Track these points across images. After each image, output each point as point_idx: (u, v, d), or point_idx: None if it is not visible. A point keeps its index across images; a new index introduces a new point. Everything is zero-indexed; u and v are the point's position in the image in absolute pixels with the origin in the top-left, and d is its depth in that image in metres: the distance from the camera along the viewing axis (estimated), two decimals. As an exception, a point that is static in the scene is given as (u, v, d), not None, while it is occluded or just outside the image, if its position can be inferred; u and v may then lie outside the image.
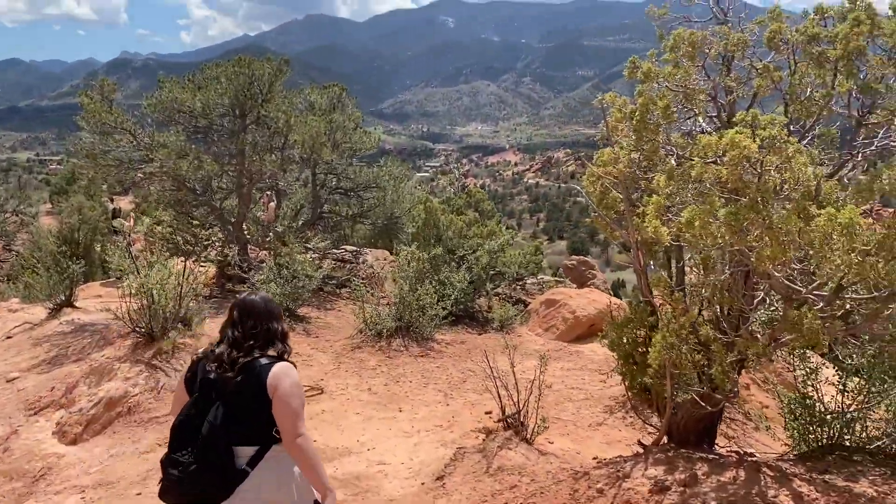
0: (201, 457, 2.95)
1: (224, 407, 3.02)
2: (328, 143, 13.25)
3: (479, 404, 7.94)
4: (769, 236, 3.16)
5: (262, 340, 3.18)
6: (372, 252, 17.87)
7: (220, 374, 3.07)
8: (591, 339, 10.90)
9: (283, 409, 3.00)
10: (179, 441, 3.02)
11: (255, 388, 3.01)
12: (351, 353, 9.66)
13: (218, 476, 2.97)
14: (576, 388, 8.64)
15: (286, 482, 3.10)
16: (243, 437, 3.03)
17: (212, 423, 2.98)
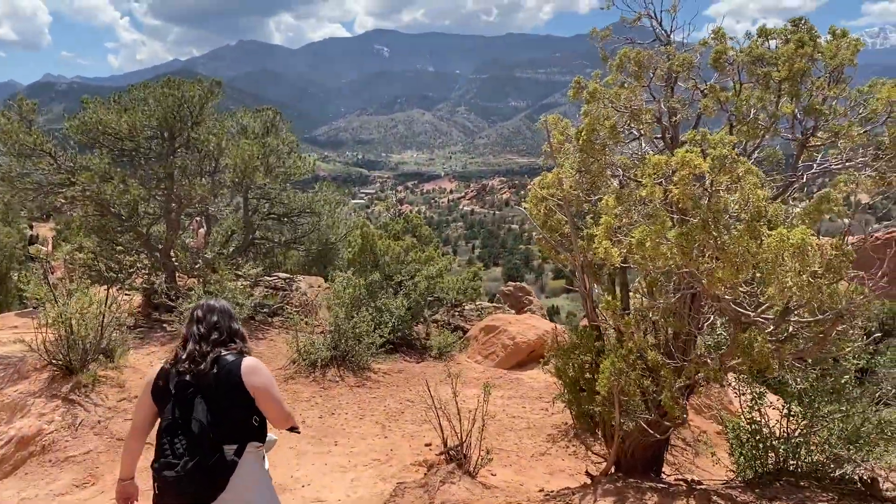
0: (196, 453, 2.97)
1: (206, 403, 3.06)
2: (261, 167, 12.90)
3: (418, 436, 7.69)
4: (722, 258, 3.07)
5: (225, 335, 3.28)
6: (305, 279, 17.45)
7: (195, 369, 3.12)
8: (531, 365, 10.79)
9: (268, 402, 3.13)
10: (169, 443, 3.02)
11: (230, 383, 3.10)
12: (284, 385, 9.27)
13: (212, 470, 3.00)
14: (517, 416, 8.48)
15: (262, 477, 3.23)
16: (227, 434, 3.07)
17: (200, 421, 3.01)
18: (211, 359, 3.15)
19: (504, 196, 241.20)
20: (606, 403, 4.41)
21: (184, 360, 3.18)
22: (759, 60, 4.08)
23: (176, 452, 2.99)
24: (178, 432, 3.02)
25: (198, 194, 12.46)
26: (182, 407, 3.07)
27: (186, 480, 2.95)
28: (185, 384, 3.11)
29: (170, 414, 3.08)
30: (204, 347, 3.20)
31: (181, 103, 12.69)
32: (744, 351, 3.41)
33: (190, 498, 2.99)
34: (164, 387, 3.18)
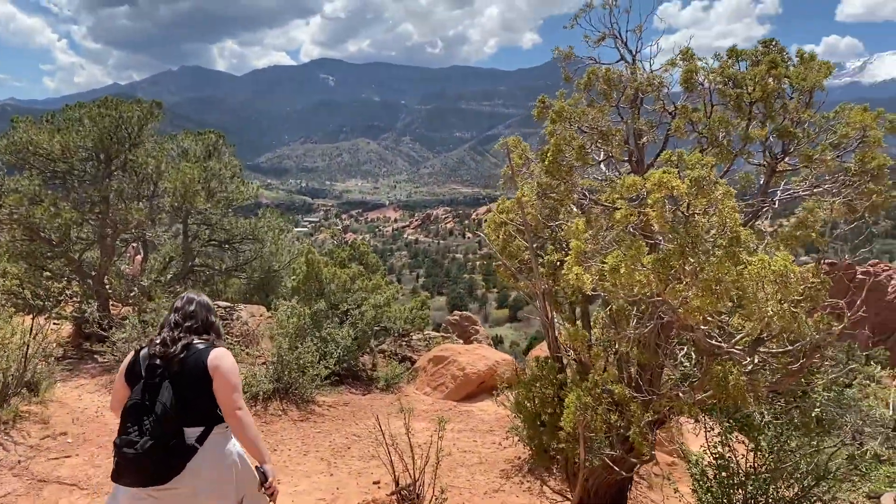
0: (156, 434, 3.11)
1: (172, 388, 3.21)
2: (202, 191, 12.44)
3: (365, 473, 7.32)
4: (700, 285, 2.88)
5: (199, 324, 3.48)
6: (247, 308, 16.89)
7: (164, 353, 3.29)
8: (481, 396, 10.53)
9: (223, 385, 3.25)
10: (133, 422, 3.18)
11: (197, 370, 3.26)
12: (223, 419, 8.81)
13: (170, 453, 3.13)
14: (468, 451, 8.18)
15: (226, 461, 3.33)
16: (190, 418, 3.22)
17: (164, 404, 3.16)
18: (182, 344, 3.33)
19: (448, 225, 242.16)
20: (570, 439, 4.18)
21: (157, 344, 3.37)
22: (730, 81, 3.98)
23: (140, 430, 3.15)
24: (143, 413, 3.17)
25: (134, 219, 11.91)
26: (149, 389, 3.22)
27: (144, 459, 3.09)
28: (154, 367, 3.29)
29: (137, 395, 3.23)
30: (177, 333, 3.38)
31: (119, 124, 12.18)
32: (718, 384, 3.23)
33: (146, 476, 3.13)
34: (133, 368, 3.37)
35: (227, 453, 3.36)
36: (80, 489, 6.62)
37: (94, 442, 7.76)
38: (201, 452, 3.23)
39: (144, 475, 3.14)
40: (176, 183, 11.93)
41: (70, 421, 8.39)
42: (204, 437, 3.28)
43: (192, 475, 3.19)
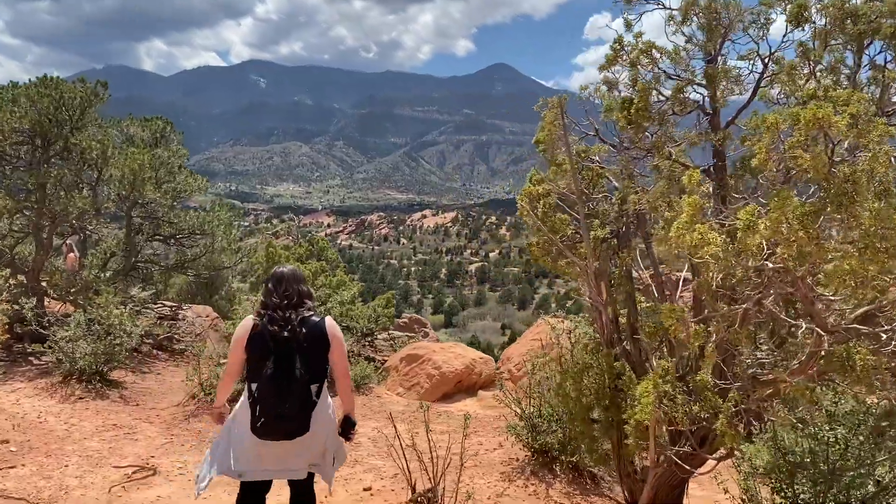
0: (301, 397, 3.73)
1: (300, 356, 3.77)
2: (152, 179, 11.53)
3: (352, 479, 6.68)
4: (866, 243, 2.42)
5: (297, 296, 3.96)
6: (193, 308, 15.93)
7: (289, 329, 3.81)
8: (458, 396, 9.98)
9: (339, 349, 3.94)
10: (278, 390, 3.70)
11: (318, 337, 3.87)
12: (185, 424, 8.00)
13: (305, 408, 3.77)
14: (459, 453, 7.60)
15: (329, 411, 4.04)
16: (313, 377, 3.82)
17: (300, 371, 3.74)
18: (299, 319, 3.87)
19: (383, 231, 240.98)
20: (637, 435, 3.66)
21: (277, 321, 3.84)
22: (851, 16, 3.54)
23: (281, 396, 3.71)
24: (284, 380, 3.72)
25: (77, 208, 10.93)
26: (283, 359, 3.76)
27: (291, 420, 3.73)
28: (282, 339, 3.80)
29: (274, 365, 3.74)
30: (288, 313, 3.88)
31: (59, 105, 11.19)
32: (841, 365, 2.79)
33: (292, 432, 3.77)
34: (260, 342, 3.84)
35: (329, 404, 4.07)
36: (28, 503, 5.79)
37: (42, 450, 6.89)
38: (318, 405, 3.88)
39: (290, 431, 3.78)
40: (124, 169, 11.01)
41: (10, 427, 7.48)
42: (319, 392, 3.89)
43: (313, 424, 3.83)
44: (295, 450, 3.93)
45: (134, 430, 7.74)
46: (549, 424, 6.71)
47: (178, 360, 12.57)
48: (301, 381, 3.76)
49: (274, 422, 3.73)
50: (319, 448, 4.06)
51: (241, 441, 4.00)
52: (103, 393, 9.17)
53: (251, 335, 3.92)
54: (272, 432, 3.78)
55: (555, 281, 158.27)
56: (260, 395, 3.77)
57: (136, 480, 6.31)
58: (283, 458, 3.97)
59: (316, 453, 4.07)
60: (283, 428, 3.77)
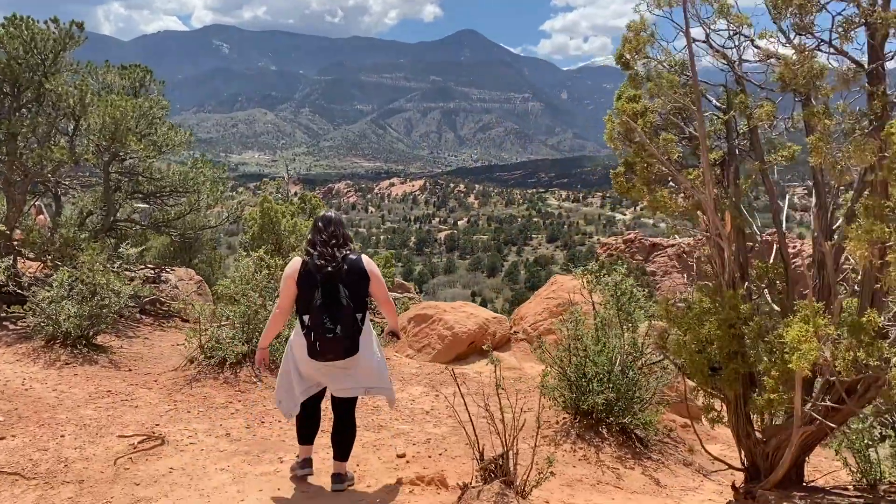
0: (347, 322, 4.42)
1: (345, 287, 4.47)
2: (136, 129, 10.67)
3: (381, 445, 6.10)
4: None
5: (342, 239, 4.64)
6: (175, 271, 15.12)
7: (334, 265, 4.50)
8: (472, 358, 9.44)
9: (377, 282, 4.68)
10: (326, 315, 4.38)
11: (358, 272, 4.58)
12: (188, 389, 7.33)
13: (355, 335, 4.50)
14: (484, 417, 7.06)
15: (374, 337, 4.89)
16: (357, 307, 4.52)
17: (346, 299, 4.44)
18: (341, 256, 4.50)
19: (350, 200, 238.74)
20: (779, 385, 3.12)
21: (324, 258, 4.48)
22: None
23: (332, 320, 4.34)
24: (332, 308, 4.36)
25: (53, 161, 10.05)
26: (330, 290, 4.40)
27: (340, 341, 4.38)
28: (329, 274, 4.44)
29: (322, 295, 4.39)
30: (334, 251, 4.50)
31: (30, 48, 10.24)
32: None
33: (342, 352, 4.43)
34: (309, 278, 4.48)
35: (372, 331, 4.79)
36: (24, 479, 5.13)
37: (33, 420, 6.20)
38: (363, 332, 4.55)
39: (340, 351, 4.41)
40: (104, 118, 10.13)
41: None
42: (363, 320, 4.54)
43: (363, 346, 4.53)
44: (347, 371, 4.60)
45: (132, 396, 7.06)
46: (591, 384, 6.19)
47: (165, 325, 11.84)
48: (347, 308, 4.41)
49: (327, 344, 4.37)
50: (369, 371, 4.72)
51: (299, 368, 4.71)
52: (91, 358, 8.45)
53: (301, 272, 4.56)
54: (326, 353, 4.42)
55: (523, 248, 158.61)
56: (312, 322, 4.40)
57: (143, 451, 5.67)
58: (338, 378, 4.65)
59: (368, 376, 4.74)
60: (336, 349, 4.41)
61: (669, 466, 6.05)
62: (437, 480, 4.93)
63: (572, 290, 9.79)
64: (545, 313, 9.62)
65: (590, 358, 6.12)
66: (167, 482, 5.15)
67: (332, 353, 4.43)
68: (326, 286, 4.42)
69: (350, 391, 4.76)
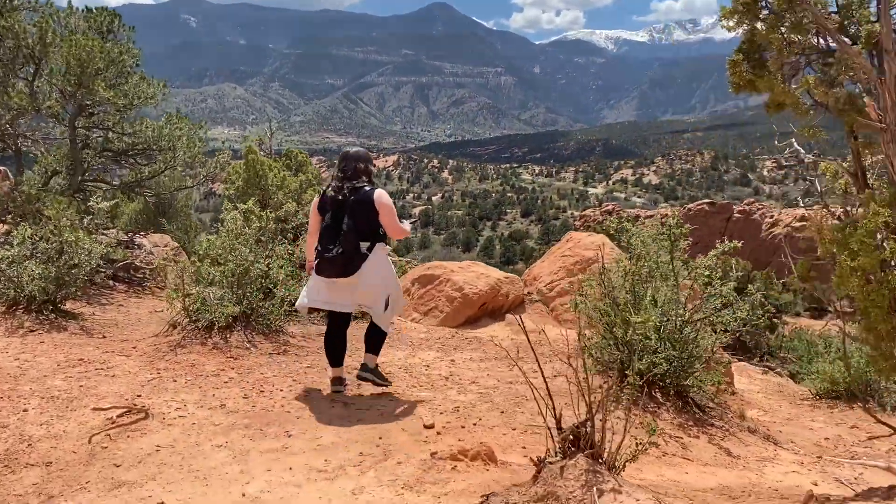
0: (345, 245, 4.92)
1: (349, 216, 5.00)
2: (105, 73, 9.59)
3: (403, 414, 5.26)
4: None
5: (352, 172, 5.19)
6: (149, 237, 14.07)
7: (342, 195, 5.11)
8: (483, 321, 8.61)
9: (387, 213, 5.08)
10: (329, 237, 4.99)
11: (367, 203, 5.05)
12: (172, 356, 6.41)
13: (353, 257, 4.96)
14: (516, 383, 6.25)
15: (384, 266, 5.25)
16: (362, 235, 5.03)
17: (348, 225, 4.97)
18: (349, 188, 5.13)
19: (324, 175, 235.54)
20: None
21: (334, 188, 5.20)
22: None
23: (333, 243, 4.97)
24: (334, 232, 5.00)
25: (14, 107, 8.97)
26: (336, 217, 5.06)
27: (338, 260, 4.94)
28: (338, 202, 5.13)
29: (328, 220, 5.08)
30: (342, 183, 5.16)
31: (-18, -19, 9.12)
32: None
33: (339, 269, 4.97)
34: (324, 205, 5.22)
35: (383, 259, 5.24)
36: None
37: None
38: (369, 258, 5.06)
39: (338, 270, 4.97)
40: (69, 59, 9.05)
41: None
42: (370, 249, 5.09)
43: (361, 271, 5.01)
44: (346, 289, 5.07)
45: (108, 364, 6.13)
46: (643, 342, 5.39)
47: (140, 293, 10.86)
48: (348, 233, 4.91)
49: (327, 262, 4.92)
50: (371, 294, 5.14)
51: (311, 280, 5.27)
52: (59, 325, 7.49)
53: (319, 201, 5.22)
54: (325, 270, 4.97)
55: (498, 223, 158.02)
56: (319, 242, 5.04)
57: (123, 426, 4.77)
58: (337, 294, 5.11)
59: (364, 298, 5.18)
60: (334, 268, 4.91)
61: (736, 434, 5.30)
62: (484, 454, 4.11)
63: (589, 247, 9.00)
64: (561, 272, 8.81)
65: (641, 312, 5.31)
66: (154, 462, 4.27)
67: (328, 271, 4.98)
68: (333, 213, 5.06)
69: (343, 307, 5.26)
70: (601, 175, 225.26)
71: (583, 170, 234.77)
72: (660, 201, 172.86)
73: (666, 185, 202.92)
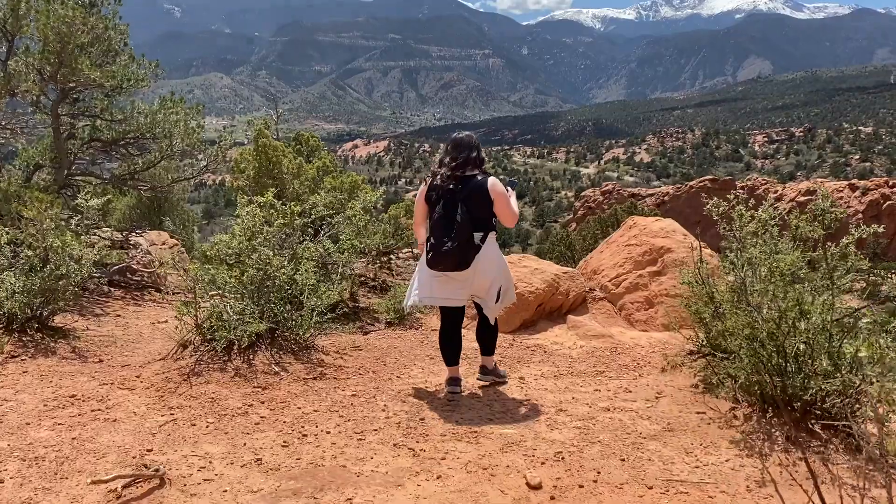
0: (459, 237, 4.73)
1: (463, 205, 4.79)
2: (89, 49, 8.30)
3: (493, 465, 4.05)
4: None
5: (465, 160, 4.94)
6: (145, 235, 12.83)
7: (455, 185, 4.87)
8: (542, 325, 7.42)
9: (501, 202, 4.88)
10: (442, 230, 4.80)
11: (480, 193, 4.84)
12: (186, 388, 5.20)
13: (467, 248, 4.76)
14: (610, 408, 5.07)
15: (497, 256, 5.06)
16: (475, 226, 4.81)
17: (461, 217, 4.75)
18: (462, 177, 4.89)
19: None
20: None
21: (447, 177, 4.92)
22: None
23: (446, 235, 4.76)
24: (448, 223, 4.78)
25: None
26: (448, 208, 4.83)
27: (452, 253, 4.74)
28: (449, 191, 4.87)
29: (440, 210, 4.85)
30: (457, 171, 4.91)
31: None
32: None
33: (453, 262, 4.78)
34: (433, 196, 4.97)
35: (496, 251, 5.05)
36: None
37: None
38: (483, 249, 4.86)
39: (451, 264, 4.79)
40: (47, 32, 7.76)
41: None
42: (483, 239, 4.86)
43: (476, 263, 4.82)
44: (459, 283, 4.94)
45: (107, 402, 4.91)
46: (801, 361, 4.22)
47: (139, 299, 9.66)
48: (462, 224, 4.76)
49: (440, 255, 4.80)
50: (483, 286, 5.03)
51: (421, 274, 5.10)
52: (47, 347, 6.30)
53: (428, 190, 5.05)
54: (438, 263, 4.84)
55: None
56: (430, 234, 4.93)
57: (131, 501, 3.57)
58: (452, 289, 4.97)
59: (479, 289, 5.06)
60: (447, 261, 4.80)
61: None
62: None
63: (658, 234, 7.83)
64: (628, 264, 7.62)
65: (801, 318, 4.13)
66: (179, 560, 3.08)
67: (442, 264, 4.82)
68: (445, 204, 4.86)
69: (456, 301, 5.05)
70: (593, 155, 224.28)
71: (574, 150, 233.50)
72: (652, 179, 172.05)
73: (658, 162, 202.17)
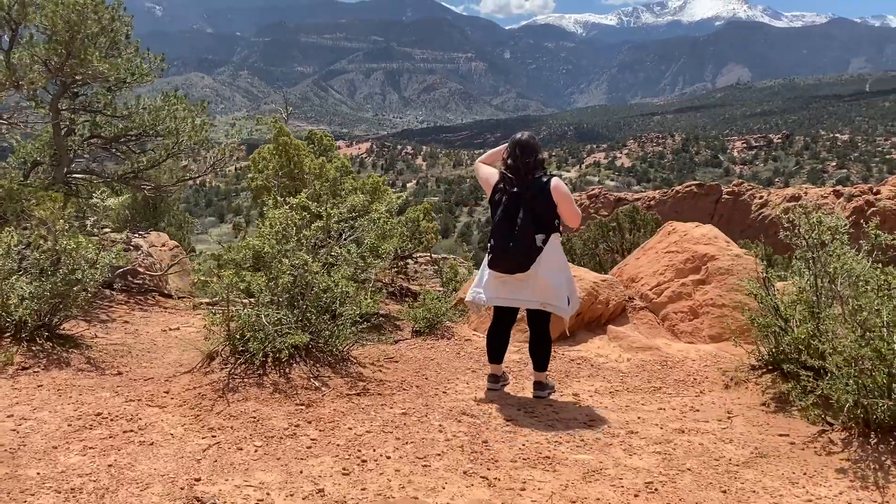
0: (519, 240, 4.71)
1: (525, 210, 4.76)
2: (100, 39, 7.84)
3: (578, 499, 3.67)
4: None
5: (532, 163, 4.88)
6: (146, 237, 12.33)
7: (522, 186, 4.81)
8: (581, 335, 7.06)
9: (564, 203, 4.85)
10: (504, 232, 4.78)
11: (544, 195, 4.80)
12: (223, 406, 4.77)
13: (528, 251, 4.70)
14: (685, 430, 4.71)
15: (559, 258, 4.96)
16: (538, 228, 4.75)
17: (523, 219, 4.74)
18: (530, 179, 4.84)
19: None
20: None
21: (510, 180, 4.87)
22: None
23: (507, 238, 4.74)
24: (509, 226, 4.77)
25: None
26: (510, 210, 4.80)
27: (513, 256, 4.71)
28: (513, 194, 4.84)
29: (501, 213, 4.84)
30: (524, 174, 4.85)
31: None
32: None
33: (514, 264, 4.73)
34: (498, 195, 4.94)
35: (559, 253, 4.97)
36: None
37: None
38: (545, 251, 4.76)
39: (511, 267, 4.74)
40: (55, 21, 7.29)
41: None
42: (545, 241, 4.77)
43: (537, 265, 4.72)
44: (522, 285, 4.81)
45: (138, 422, 4.47)
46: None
47: (143, 303, 9.18)
48: (523, 228, 4.73)
49: (500, 258, 4.79)
50: (546, 289, 4.82)
51: (484, 273, 5.05)
52: (59, 357, 5.83)
53: (496, 184, 5.02)
54: (498, 265, 4.82)
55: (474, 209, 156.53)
56: (492, 236, 4.91)
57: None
58: (514, 290, 4.87)
59: (545, 293, 4.84)
60: (508, 264, 4.76)
61: None
62: None
63: (700, 241, 7.51)
64: (669, 272, 7.29)
65: None
66: None
67: (502, 267, 4.79)
68: (508, 206, 4.83)
69: (525, 303, 4.96)
70: (574, 159, 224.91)
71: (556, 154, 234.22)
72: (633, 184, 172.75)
73: (638, 167, 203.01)
